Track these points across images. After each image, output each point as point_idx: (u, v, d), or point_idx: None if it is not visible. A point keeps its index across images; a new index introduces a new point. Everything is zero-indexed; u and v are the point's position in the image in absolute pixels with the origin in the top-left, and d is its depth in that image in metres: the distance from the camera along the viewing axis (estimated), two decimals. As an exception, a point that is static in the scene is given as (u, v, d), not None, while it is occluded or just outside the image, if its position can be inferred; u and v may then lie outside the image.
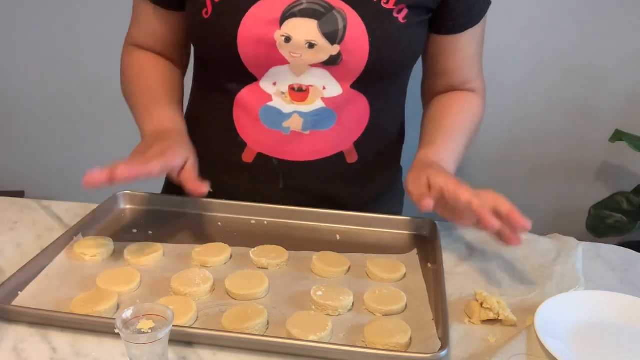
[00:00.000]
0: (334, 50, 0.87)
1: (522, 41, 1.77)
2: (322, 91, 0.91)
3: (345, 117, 0.94)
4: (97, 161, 1.41)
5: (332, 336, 0.68)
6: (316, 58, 0.88)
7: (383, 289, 0.76)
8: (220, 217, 0.96)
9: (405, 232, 0.94)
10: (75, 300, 0.71)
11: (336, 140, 0.96)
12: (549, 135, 1.89)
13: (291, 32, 0.87)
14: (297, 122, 0.93)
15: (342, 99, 0.92)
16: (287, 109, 0.93)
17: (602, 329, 0.73)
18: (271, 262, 0.82)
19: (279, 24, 0.87)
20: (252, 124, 0.95)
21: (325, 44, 0.87)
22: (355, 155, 0.98)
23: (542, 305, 0.73)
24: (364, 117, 0.96)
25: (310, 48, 0.87)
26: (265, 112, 0.93)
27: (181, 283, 0.75)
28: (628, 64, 1.79)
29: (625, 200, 1.76)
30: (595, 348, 0.70)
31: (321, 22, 0.86)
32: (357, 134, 0.97)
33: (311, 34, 0.87)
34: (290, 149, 0.95)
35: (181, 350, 0.67)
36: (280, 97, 0.92)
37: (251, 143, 0.96)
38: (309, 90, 0.91)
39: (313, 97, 0.92)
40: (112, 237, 0.86)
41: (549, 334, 0.68)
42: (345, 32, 0.87)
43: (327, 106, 0.92)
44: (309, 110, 0.92)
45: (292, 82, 0.91)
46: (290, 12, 0.86)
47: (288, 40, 0.87)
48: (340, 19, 0.86)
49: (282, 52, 0.88)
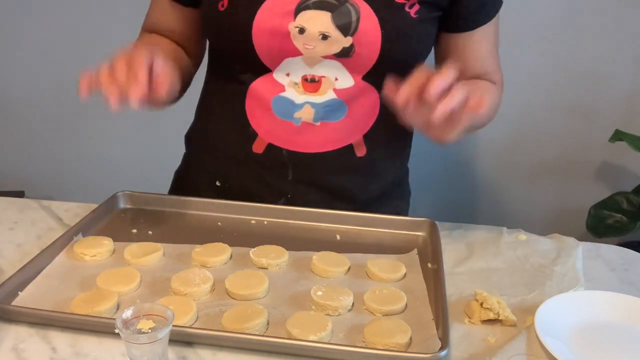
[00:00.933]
0: (346, 42, 0.89)
1: (523, 42, 1.77)
2: (334, 82, 0.92)
3: (355, 109, 0.95)
4: (97, 161, 1.43)
5: (332, 336, 0.68)
6: (329, 50, 0.90)
7: (383, 289, 0.76)
8: (220, 217, 0.96)
9: (405, 232, 0.93)
10: (75, 300, 0.71)
11: (346, 132, 0.97)
12: (549, 135, 1.89)
13: (305, 24, 0.88)
14: (309, 113, 0.94)
15: (354, 90, 0.94)
16: (299, 100, 0.94)
17: (602, 329, 0.73)
18: (271, 262, 0.82)
19: (293, 16, 0.88)
20: (264, 114, 0.96)
21: (338, 35, 0.88)
22: (364, 149, 0.99)
23: (542, 305, 0.73)
24: (374, 110, 0.97)
25: (324, 39, 0.89)
26: (278, 102, 0.94)
27: (181, 283, 0.75)
28: (628, 64, 1.79)
29: (625, 200, 1.76)
30: (595, 348, 0.70)
31: (335, 14, 0.88)
32: (366, 126, 0.98)
33: (325, 25, 0.88)
34: (301, 139, 0.96)
35: (181, 350, 0.67)
36: (293, 87, 0.93)
37: (262, 133, 0.97)
38: (321, 81, 0.92)
39: (325, 87, 0.93)
40: (112, 237, 0.86)
41: (549, 334, 0.68)
42: (358, 25, 0.88)
43: (338, 97, 0.93)
44: (321, 101, 0.93)
45: (305, 73, 0.92)
46: (305, 5, 0.88)
47: (302, 32, 0.88)
48: (353, 11, 0.88)
49: (296, 44, 0.89)
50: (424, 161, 1.87)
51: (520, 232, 0.96)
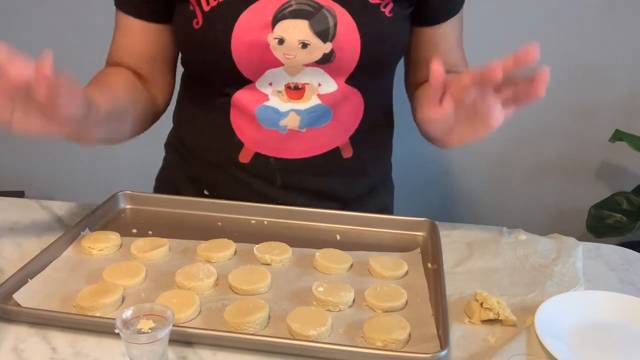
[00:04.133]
0: (326, 49, 0.88)
1: (523, 41, 1.77)
2: (317, 88, 0.92)
3: (340, 113, 0.95)
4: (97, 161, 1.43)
5: (331, 331, 0.69)
6: (310, 57, 0.89)
7: (384, 286, 0.77)
8: (220, 217, 0.96)
9: (405, 232, 0.94)
10: (81, 292, 0.72)
11: (332, 136, 0.97)
12: (549, 135, 1.89)
13: (284, 34, 0.87)
14: (294, 120, 0.93)
15: (338, 94, 0.93)
16: (283, 108, 0.93)
17: (602, 329, 0.73)
18: (275, 258, 0.83)
19: (271, 27, 0.87)
20: (249, 124, 0.95)
21: (317, 42, 0.88)
22: (351, 150, 0.99)
23: (542, 305, 0.73)
24: (358, 112, 0.97)
25: (304, 48, 0.88)
26: (262, 112, 0.94)
27: (185, 277, 0.76)
28: (628, 64, 1.79)
29: (625, 200, 1.76)
30: (595, 348, 0.70)
31: (312, 22, 0.87)
32: (352, 128, 0.98)
33: (303, 33, 0.87)
34: (288, 146, 0.96)
35: (181, 350, 0.67)
36: (277, 96, 0.92)
37: (248, 143, 0.96)
38: (304, 87, 0.92)
39: (309, 94, 0.92)
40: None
41: (549, 334, 0.68)
42: (336, 30, 0.88)
43: (322, 102, 0.93)
44: (305, 107, 0.93)
45: (287, 81, 0.91)
46: (281, 15, 0.87)
47: (281, 42, 0.87)
48: (330, 16, 0.87)
49: (276, 55, 0.88)
50: (424, 161, 1.87)
51: (520, 232, 0.96)
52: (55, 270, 0.79)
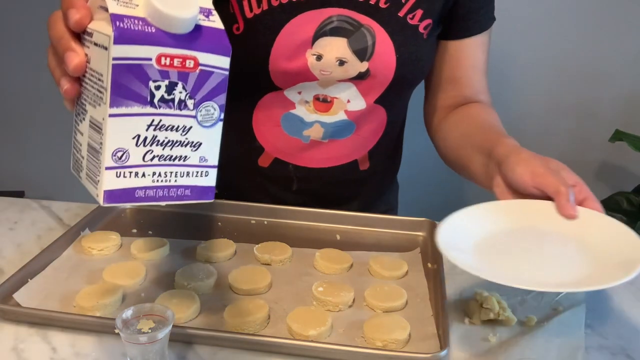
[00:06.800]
0: (362, 67, 0.88)
1: (523, 41, 1.77)
2: (346, 104, 0.92)
3: (363, 128, 0.96)
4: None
5: (331, 331, 0.69)
6: (345, 75, 0.89)
7: (384, 286, 0.76)
8: (220, 217, 0.96)
9: (405, 232, 0.94)
10: (81, 292, 0.72)
11: (353, 149, 0.97)
12: (549, 135, 1.89)
13: (322, 51, 0.87)
14: (318, 132, 0.94)
15: (364, 111, 0.93)
16: (309, 118, 0.93)
17: (509, 236, 0.72)
18: (275, 258, 0.83)
19: (311, 44, 0.86)
20: (273, 129, 0.95)
21: (354, 60, 0.87)
22: (368, 163, 1.00)
23: (445, 220, 0.72)
24: (380, 127, 0.98)
25: (340, 65, 0.87)
26: (287, 120, 0.93)
27: (185, 277, 0.76)
28: (628, 64, 1.79)
29: (625, 200, 1.76)
30: (502, 253, 0.69)
31: (351, 40, 0.87)
32: (372, 142, 0.98)
33: (341, 51, 0.87)
34: (308, 155, 0.96)
35: (181, 350, 0.67)
36: (303, 105, 0.92)
37: (269, 148, 0.96)
38: (333, 101, 0.91)
39: (336, 108, 0.92)
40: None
41: (453, 248, 0.67)
42: (374, 49, 0.87)
43: (348, 118, 0.93)
44: (331, 121, 0.93)
45: (317, 93, 0.91)
46: (322, 32, 0.86)
47: (319, 59, 0.87)
48: (369, 35, 0.87)
49: (313, 70, 0.88)
50: (424, 161, 1.87)
51: (520, 231, 0.95)
52: (55, 270, 0.79)
